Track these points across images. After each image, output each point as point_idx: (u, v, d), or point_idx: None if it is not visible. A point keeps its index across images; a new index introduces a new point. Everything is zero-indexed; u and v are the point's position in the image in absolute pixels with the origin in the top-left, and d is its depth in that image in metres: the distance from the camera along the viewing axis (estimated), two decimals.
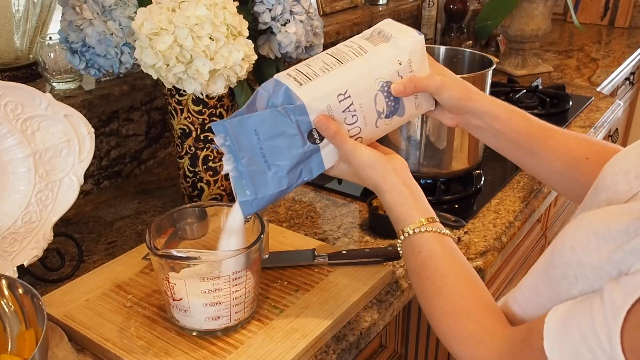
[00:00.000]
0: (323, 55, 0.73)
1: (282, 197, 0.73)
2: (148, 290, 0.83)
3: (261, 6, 0.95)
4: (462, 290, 0.64)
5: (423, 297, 0.67)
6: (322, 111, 0.69)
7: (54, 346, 0.72)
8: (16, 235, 0.85)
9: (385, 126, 0.74)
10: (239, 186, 0.71)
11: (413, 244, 0.68)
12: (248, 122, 0.68)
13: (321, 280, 0.84)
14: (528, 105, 1.57)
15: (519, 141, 0.77)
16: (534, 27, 1.80)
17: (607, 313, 0.47)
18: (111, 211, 1.10)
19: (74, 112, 0.89)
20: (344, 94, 0.69)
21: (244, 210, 0.72)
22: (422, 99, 0.76)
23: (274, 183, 0.71)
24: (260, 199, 0.71)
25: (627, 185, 0.59)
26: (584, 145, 0.76)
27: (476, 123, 0.77)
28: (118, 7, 0.91)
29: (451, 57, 1.24)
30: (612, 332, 0.46)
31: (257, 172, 0.70)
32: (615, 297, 0.47)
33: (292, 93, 0.68)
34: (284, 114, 0.68)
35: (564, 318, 0.52)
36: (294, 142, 0.70)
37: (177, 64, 0.84)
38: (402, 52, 0.72)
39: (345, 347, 0.77)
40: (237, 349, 0.72)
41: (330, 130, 0.69)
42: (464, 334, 0.62)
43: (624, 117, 2.37)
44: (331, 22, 1.71)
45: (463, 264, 0.67)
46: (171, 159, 1.31)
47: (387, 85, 0.71)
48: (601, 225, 0.52)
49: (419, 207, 0.69)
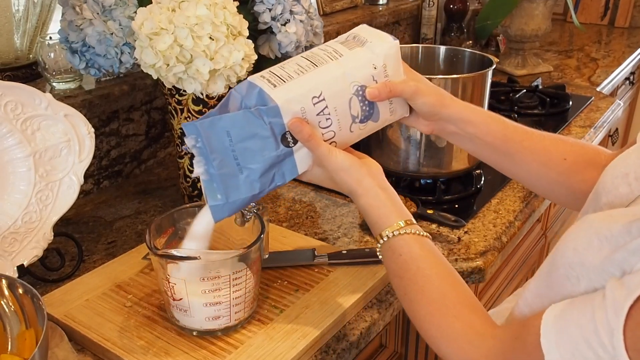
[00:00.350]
0: (297, 59, 0.72)
1: (253, 202, 0.71)
2: (148, 290, 0.83)
3: (261, 6, 0.95)
4: (445, 290, 0.64)
5: (406, 300, 0.66)
6: (296, 113, 0.68)
7: (54, 346, 0.72)
8: (16, 235, 0.85)
9: (359, 131, 0.74)
10: (210, 190, 0.69)
11: (393, 247, 0.67)
12: (220, 123, 0.67)
13: (321, 280, 0.84)
14: (528, 105, 1.57)
15: (494, 144, 0.77)
16: (534, 27, 1.80)
17: (609, 310, 0.47)
18: (111, 211, 1.10)
19: (74, 111, 0.89)
20: (319, 97, 0.69)
21: (215, 215, 0.70)
22: (397, 105, 0.75)
23: (246, 187, 0.69)
24: (231, 204, 0.69)
25: (628, 187, 0.59)
26: (560, 145, 0.76)
27: (451, 129, 0.77)
28: (118, 7, 0.91)
29: (451, 57, 1.24)
30: (614, 329, 0.46)
31: (229, 175, 0.69)
32: (617, 294, 0.47)
33: (265, 95, 0.67)
34: (257, 116, 0.67)
35: (562, 315, 0.51)
36: (267, 144, 0.68)
37: (177, 63, 0.84)
38: (377, 57, 0.72)
39: (346, 346, 0.77)
40: (237, 348, 0.72)
41: (304, 133, 0.68)
42: (452, 333, 0.61)
43: (624, 117, 2.37)
44: (331, 22, 1.71)
45: (444, 264, 0.66)
46: (171, 158, 1.31)
47: (361, 89, 0.71)
48: (603, 226, 0.52)
49: (396, 210, 0.69)
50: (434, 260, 0.66)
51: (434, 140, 1.11)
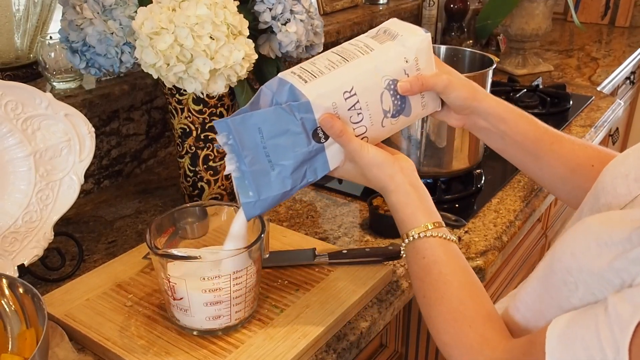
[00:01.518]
0: (328, 54, 0.72)
1: (285, 200, 0.71)
2: (148, 289, 0.83)
3: (261, 5, 0.95)
4: (464, 298, 0.63)
5: (424, 303, 0.66)
6: (327, 109, 0.68)
7: (55, 346, 0.72)
8: (17, 234, 0.85)
9: (391, 126, 0.73)
10: (242, 187, 0.69)
11: (417, 248, 0.67)
12: (251, 120, 0.67)
13: (322, 279, 0.84)
14: (528, 104, 1.57)
15: (524, 144, 0.76)
16: (534, 27, 1.80)
17: (614, 327, 0.46)
18: (111, 210, 1.10)
19: (75, 111, 0.89)
20: (350, 92, 0.68)
21: (247, 212, 0.70)
22: (429, 99, 0.75)
23: (278, 184, 0.69)
24: (263, 201, 0.70)
25: (627, 188, 0.58)
26: (589, 151, 0.75)
27: (482, 124, 0.76)
28: (118, 7, 0.91)
29: (452, 57, 1.24)
30: (619, 347, 0.45)
31: (261, 172, 0.69)
32: (621, 310, 0.46)
33: (296, 90, 0.67)
34: (288, 112, 0.66)
35: (566, 331, 0.50)
36: (298, 140, 0.68)
37: (178, 63, 0.84)
38: (409, 50, 0.71)
39: (346, 346, 0.77)
40: (238, 348, 0.72)
41: (336, 128, 0.67)
42: (465, 343, 0.61)
43: (625, 117, 2.37)
44: (331, 21, 1.71)
45: (467, 272, 0.65)
46: (171, 158, 1.31)
47: (393, 83, 0.70)
48: (602, 231, 0.51)
49: (425, 210, 0.68)
50: (457, 266, 0.65)
51: (434, 140, 1.11)
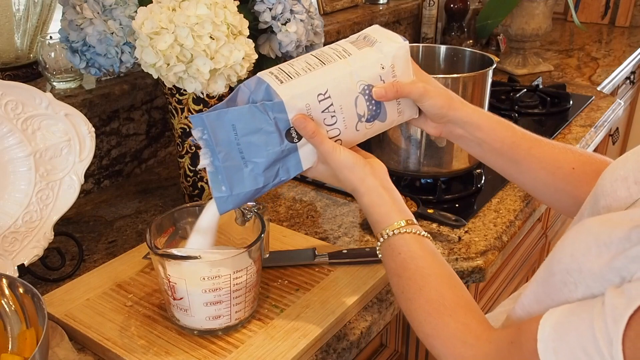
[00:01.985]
0: (307, 56, 0.73)
1: (258, 196, 0.72)
2: (148, 289, 0.83)
3: (262, 5, 0.95)
4: (443, 289, 0.63)
5: (403, 298, 0.66)
6: (300, 110, 0.69)
7: (55, 345, 0.72)
8: (17, 234, 0.85)
9: (366, 130, 0.74)
10: (215, 181, 0.70)
11: (392, 246, 0.67)
12: (226, 117, 0.68)
13: (322, 279, 0.84)
14: (528, 104, 1.57)
15: (502, 150, 0.76)
16: (534, 27, 1.80)
17: (608, 319, 0.46)
18: (112, 210, 1.10)
19: (75, 111, 0.89)
20: (324, 94, 0.69)
21: (220, 207, 0.71)
22: (405, 106, 0.76)
23: (250, 180, 0.70)
24: (235, 196, 0.70)
25: (627, 191, 0.58)
26: (569, 155, 0.75)
27: (459, 132, 0.77)
28: (118, 7, 0.91)
29: (452, 57, 1.24)
30: (612, 339, 0.45)
31: (234, 168, 0.70)
32: (616, 303, 0.46)
33: (272, 90, 0.68)
34: (262, 111, 0.68)
35: (561, 321, 0.50)
36: (271, 139, 0.69)
37: (178, 63, 0.84)
38: (386, 57, 0.72)
39: (346, 346, 0.77)
40: (238, 348, 0.72)
41: (308, 129, 0.68)
42: (447, 333, 0.61)
43: (625, 117, 2.37)
44: (332, 21, 1.71)
45: (443, 265, 0.66)
46: (172, 158, 1.31)
47: (368, 88, 0.71)
48: (602, 232, 0.51)
49: (398, 210, 0.69)
50: (433, 260, 0.66)
51: (435, 140, 1.11)
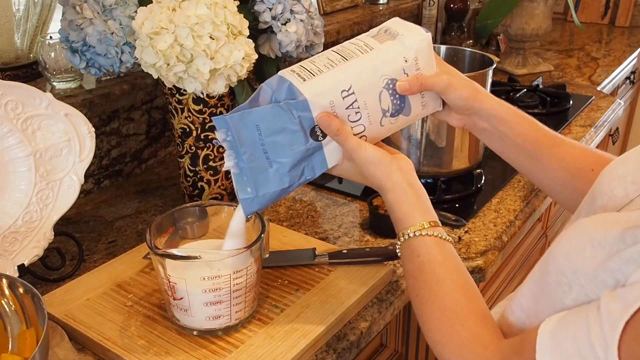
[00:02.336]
0: (328, 52, 0.72)
1: (283, 196, 0.72)
2: (148, 289, 0.83)
3: (261, 5, 0.95)
4: (457, 297, 0.63)
5: (417, 302, 0.66)
6: (324, 107, 0.68)
7: (55, 345, 0.72)
8: (17, 234, 0.85)
9: (390, 125, 0.73)
10: (240, 183, 0.70)
11: (412, 247, 0.66)
12: (250, 117, 0.67)
13: (322, 279, 0.84)
14: (528, 104, 1.57)
15: (524, 146, 0.75)
16: (534, 27, 1.80)
17: (604, 325, 0.46)
18: (112, 210, 1.10)
19: (75, 111, 0.89)
20: (348, 90, 0.68)
21: (245, 208, 0.71)
22: (429, 99, 0.75)
23: (276, 180, 0.70)
24: (261, 197, 0.70)
25: (624, 190, 0.58)
26: (590, 156, 0.75)
27: (482, 125, 0.76)
28: (118, 7, 0.91)
29: (452, 57, 1.24)
30: (609, 344, 0.45)
31: (259, 169, 0.69)
32: (612, 308, 0.46)
33: (295, 88, 0.67)
34: (286, 110, 0.67)
35: (557, 329, 0.50)
36: (296, 138, 0.68)
37: (178, 63, 0.84)
38: (409, 50, 0.71)
39: (346, 346, 0.77)
40: (238, 348, 0.72)
41: (333, 126, 0.67)
42: (457, 342, 0.61)
43: (625, 117, 2.37)
44: (332, 21, 1.71)
45: (461, 271, 0.65)
46: (172, 158, 1.31)
47: (392, 82, 0.70)
48: (597, 232, 0.51)
49: (422, 209, 0.68)
50: (451, 265, 0.65)
51: (435, 140, 1.11)
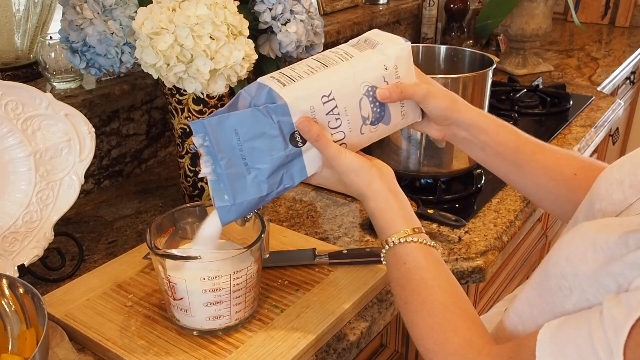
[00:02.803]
0: (308, 60, 0.71)
1: (261, 205, 0.70)
2: (149, 289, 0.83)
3: (262, 5, 0.95)
4: (447, 303, 0.62)
5: (406, 310, 0.64)
6: (305, 112, 0.67)
7: (55, 345, 0.72)
8: (17, 234, 0.85)
9: (370, 134, 0.73)
10: (217, 190, 0.68)
11: (397, 254, 0.66)
12: (228, 121, 0.66)
13: (322, 279, 0.84)
14: (528, 104, 1.57)
15: (505, 154, 0.75)
16: (534, 27, 1.80)
17: (608, 330, 0.45)
18: (112, 210, 1.10)
19: (75, 111, 0.89)
20: (328, 96, 0.68)
21: (222, 217, 0.69)
22: (409, 108, 0.75)
23: (254, 188, 0.68)
24: (238, 205, 0.68)
25: (622, 195, 0.58)
26: (572, 161, 0.75)
27: (462, 135, 0.76)
28: (119, 7, 0.91)
29: (452, 57, 1.24)
30: (613, 350, 0.44)
31: (236, 176, 0.68)
32: (616, 313, 0.45)
33: (274, 93, 0.66)
34: (265, 114, 0.66)
35: (558, 334, 0.50)
36: (275, 144, 0.67)
37: (178, 63, 0.84)
38: (388, 58, 0.71)
39: (346, 346, 0.77)
40: (238, 348, 0.72)
41: (313, 132, 0.67)
42: (449, 349, 0.60)
43: (625, 117, 2.37)
44: (332, 21, 1.71)
45: (448, 277, 0.65)
46: (172, 158, 1.31)
47: (372, 90, 0.70)
48: (599, 236, 0.51)
49: (405, 216, 0.67)
50: (438, 271, 0.65)
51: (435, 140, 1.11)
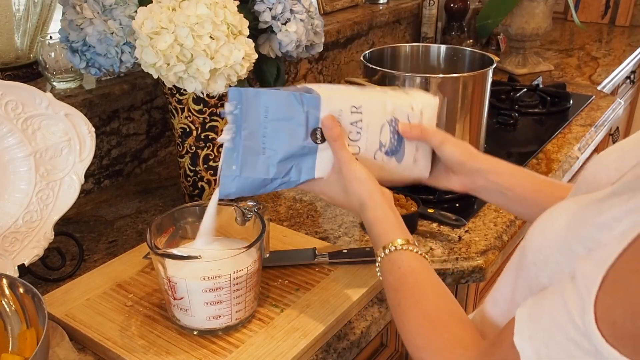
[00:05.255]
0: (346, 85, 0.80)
1: (261, 192, 0.73)
2: (149, 289, 0.83)
3: (262, 5, 0.95)
4: (439, 303, 0.64)
5: (399, 310, 0.66)
6: (333, 112, 0.72)
7: (55, 345, 0.72)
8: (17, 234, 0.85)
9: (382, 163, 0.77)
10: (229, 159, 0.71)
11: (393, 260, 0.68)
12: (262, 97, 0.70)
13: (322, 279, 0.84)
14: (529, 104, 1.57)
15: (525, 196, 0.77)
16: (534, 26, 1.80)
17: (581, 289, 0.45)
18: (112, 210, 1.10)
19: (75, 111, 0.89)
20: (357, 108, 0.73)
21: (223, 186, 0.71)
22: (422, 156, 0.79)
23: (262, 168, 0.71)
24: (242, 179, 0.71)
25: (607, 177, 0.59)
26: None
27: (481, 183, 0.78)
28: (118, 6, 0.91)
29: (452, 56, 1.24)
30: (585, 305, 0.44)
31: (251, 150, 0.71)
32: (586, 269, 0.46)
33: (311, 88, 0.72)
34: (299, 101, 0.70)
35: (534, 308, 0.50)
36: (297, 132, 0.71)
37: (178, 63, 0.84)
38: (417, 102, 0.77)
39: (346, 346, 0.77)
40: (238, 348, 0.72)
41: (335, 131, 0.71)
42: (439, 345, 0.61)
43: (625, 116, 2.37)
44: (332, 21, 1.71)
45: (440, 282, 0.67)
46: (172, 158, 1.31)
47: (395, 122, 0.76)
48: (573, 204, 0.52)
49: (401, 229, 0.70)
50: (431, 277, 0.67)
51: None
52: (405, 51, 1.27)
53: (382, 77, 1.08)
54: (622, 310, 0.43)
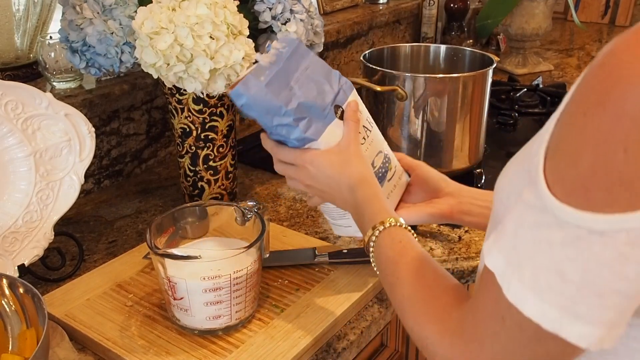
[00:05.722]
0: None
1: (266, 120, 0.71)
2: (149, 289, 0.83)
3: (261, 5, 0.95)
4: (440, 271, 0.64)
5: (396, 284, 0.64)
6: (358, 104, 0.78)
7: (55, 345, 0.72)
8: (17, 234, 0.85)
9: None
10: (261, 69, 0.71)
11: (392, 234, 0.68)
12: (310, 57, 0.76)
13: (322, 279, 0.84)
14: (529, 104, 1.57)
15: None
16: (534, 26, 1.80)
17: (532, 172, 0.46)
18: (112, 210, 1.10)
19: (75, 111, 0.89)
20: (371, 124, 0.81)
21: (247, 84, 0.69)
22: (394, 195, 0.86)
23: (284, 97, 0.71)
24: (263, 92, 0.69)
25: None
26: None
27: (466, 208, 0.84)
28: (118, 6, 0.91)
29: (452, 56, 1.24)
30: (537, 181, 0.44)
31: (281, 78, 0.72)
32: (533, 158, 0.46)
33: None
34: (336, 78, 0.77)
35: (496, 234, 0.50)
36: (325, 96, 0.75)
37: (178, 63, 0.84)
38: None
39: (346, 345, 0.77)
40: (238, 348, 0.72)
41: (356, 114, 0.76)
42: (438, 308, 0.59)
43: None
44: (332, 20, 1.71)
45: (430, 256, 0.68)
46: (172, 158, 1.31)
47: (387, 158, 0.83)
48: None
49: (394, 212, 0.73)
50: (424, 250, 0.68)
51: (434, 139, 1.11)
52: (405, 51, 1.27)
53: (382, 77, 1.09)
54: (564, 163, 0.43)
